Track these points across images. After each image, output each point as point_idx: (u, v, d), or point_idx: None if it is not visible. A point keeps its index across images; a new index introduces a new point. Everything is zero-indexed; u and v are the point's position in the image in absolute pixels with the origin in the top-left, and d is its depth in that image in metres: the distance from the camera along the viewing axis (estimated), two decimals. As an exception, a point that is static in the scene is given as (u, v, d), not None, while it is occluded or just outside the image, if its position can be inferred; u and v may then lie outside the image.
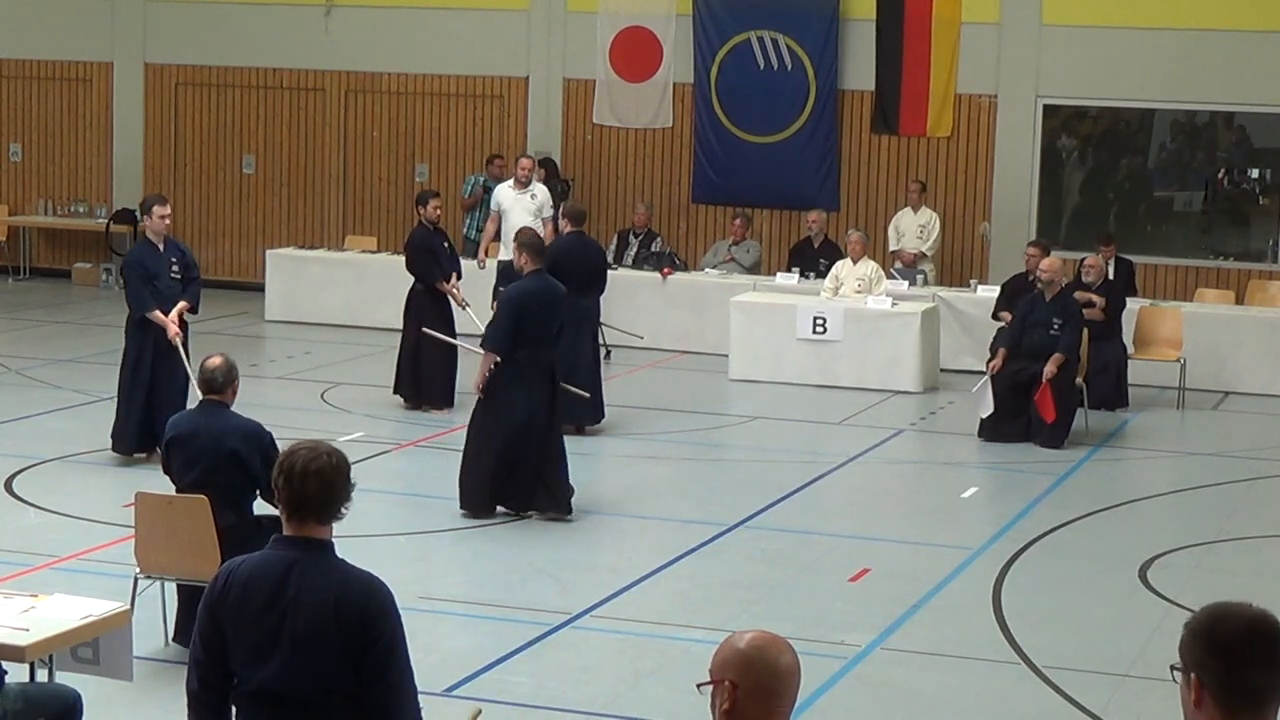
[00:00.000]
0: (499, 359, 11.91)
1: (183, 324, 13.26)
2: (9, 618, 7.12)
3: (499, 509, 12.06)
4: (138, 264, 13.20)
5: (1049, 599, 10.74)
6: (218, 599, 5.29)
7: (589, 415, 14.75)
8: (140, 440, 13.19)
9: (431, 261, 15.72)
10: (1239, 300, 18.97)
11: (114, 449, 13.25)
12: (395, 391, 15.77)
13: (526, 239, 12.51)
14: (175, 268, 13.25)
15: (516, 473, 11.95)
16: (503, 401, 11.90)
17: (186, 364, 12.90)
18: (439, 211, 16.07)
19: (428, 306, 15.63)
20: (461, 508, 12.06)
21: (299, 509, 5.23)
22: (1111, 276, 17.39)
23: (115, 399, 13.34)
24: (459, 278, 15.91)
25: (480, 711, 5.68)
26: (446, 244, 16.07)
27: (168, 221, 13.23)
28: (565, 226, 15.31)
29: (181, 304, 13.19)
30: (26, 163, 23.94)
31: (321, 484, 5.20)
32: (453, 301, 15.80)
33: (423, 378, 15.54)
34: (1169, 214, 20.86)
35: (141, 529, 9.12)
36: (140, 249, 13.46)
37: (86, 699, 7.21)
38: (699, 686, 3.97)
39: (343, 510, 5.28)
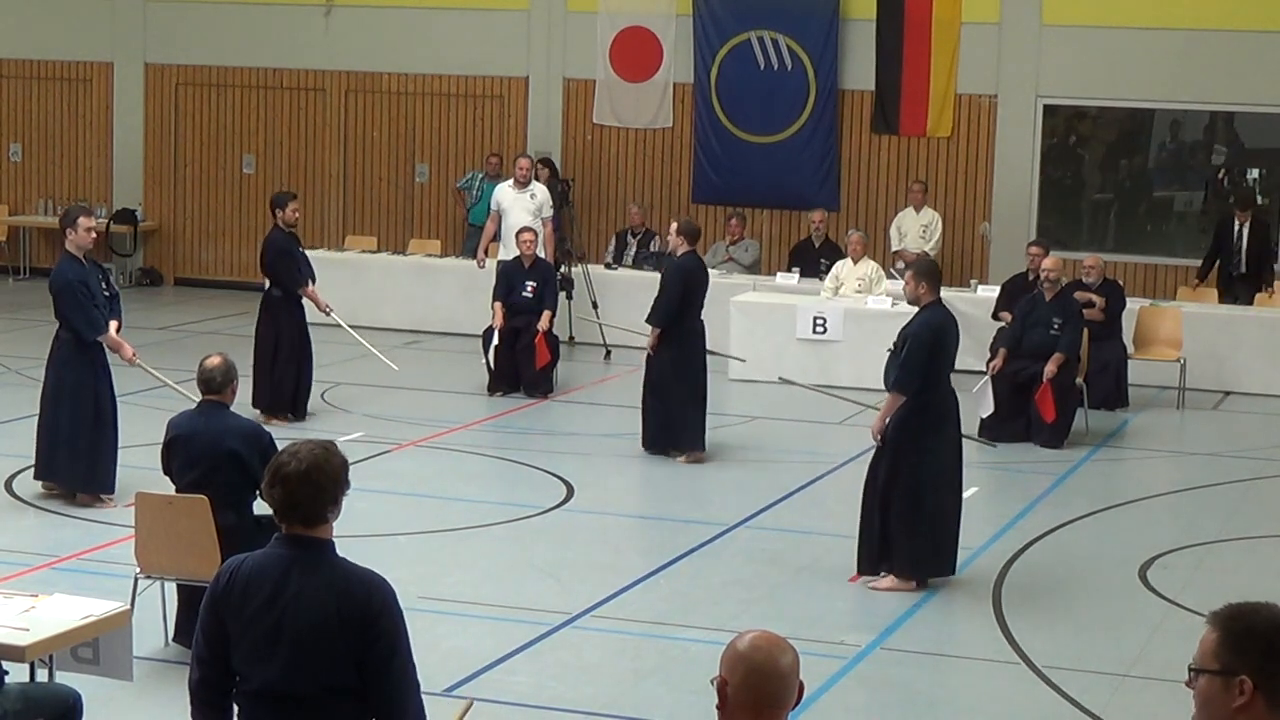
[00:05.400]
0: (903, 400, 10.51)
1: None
2: (9, 618, 7.11)
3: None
4: (79, 284, 11.77)
5: (1049, 599, 10.74)
6: (221, 596, 5.30)
7: (694, 440, 13.96)
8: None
9: (293, 266, 15.12)
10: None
11: (95, 491, 12.04)
12: (255, 404, 14.82)
13: (926, 268, 10.96)
14: (103, 285, 12.02)
15: (937, 532, 10.61)
16: (910, 451, 10.54)
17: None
18: (297, 215, 15.37)
19: (286, 313, 15.09)
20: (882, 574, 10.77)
21: (284, 513, 5.25)
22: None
23: (71, 441, 11.98)
24: (314, 282, 15.38)
25: (472, 704, 5.67)
26: (301, 248, 15.41)
27: (95, 235, 11.99)
28: (681, 245, 13.92)
29: (114, 323, 12.04)
30: (26, 163, 23.95)
31: (305, 488, 5.19)
32: (315, 308, 15.39)
33: (284, 388, 14.93)
34: (1169, 214, 20.85)
35: (141, 529, 9.12)
36: (71, 267, 11.87)
37: (86, 699, 7.21)
38: (711, 681, 4.07)
39: (332, 513, 5.27)
